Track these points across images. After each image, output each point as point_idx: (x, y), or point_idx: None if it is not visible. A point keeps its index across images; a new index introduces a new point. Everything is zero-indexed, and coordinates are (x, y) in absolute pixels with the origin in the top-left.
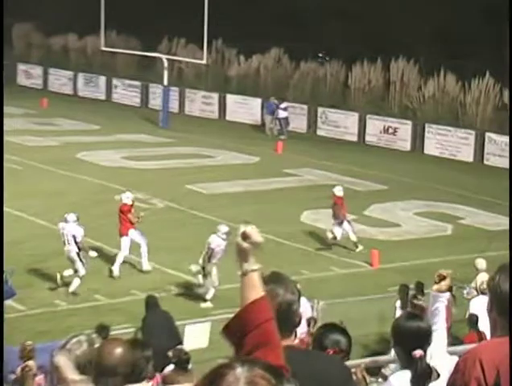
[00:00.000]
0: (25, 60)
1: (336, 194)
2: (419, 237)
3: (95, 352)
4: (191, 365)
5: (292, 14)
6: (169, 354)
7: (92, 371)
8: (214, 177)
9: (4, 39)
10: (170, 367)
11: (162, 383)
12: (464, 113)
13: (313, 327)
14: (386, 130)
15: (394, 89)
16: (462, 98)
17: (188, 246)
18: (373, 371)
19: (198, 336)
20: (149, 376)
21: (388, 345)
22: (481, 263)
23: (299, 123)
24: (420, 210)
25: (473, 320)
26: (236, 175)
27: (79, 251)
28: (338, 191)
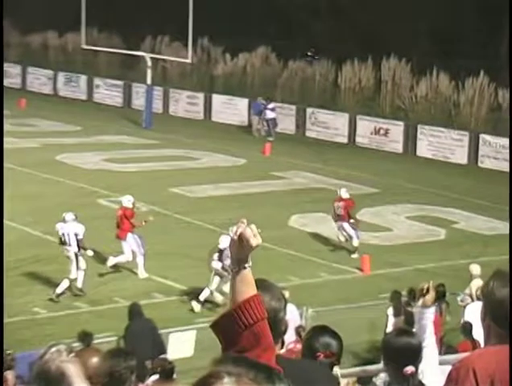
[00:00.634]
0: None
1: (343, 196)
2: (412, 242)
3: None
4: (175, 375)
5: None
6: (153, 363)
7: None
8: (199, 180)
9: None
10: (154, 377)
11: None
12: (457, 114)
13: (301, 336)
14: (377, 131)
15: (386, 89)
16: (455, 98)
17: (173, 251)
18: (364, 380)
19: (183, 345)
20: None
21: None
22: (476, 269)
23: (288, 124)
24: (413, 214)
25: (467, 328)
26: (222, 178)
27: (78, 250)
28: (345, 193)
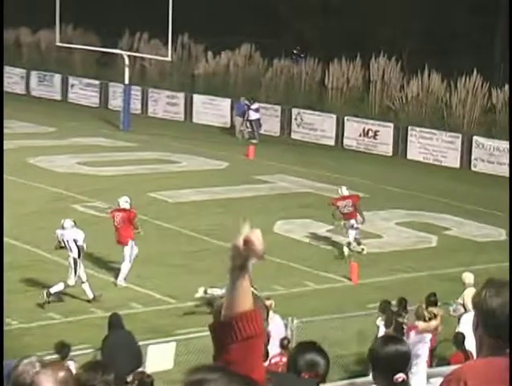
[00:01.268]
0: None
1: (347, 194)
2: (402, 249)
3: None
4: None
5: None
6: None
7: None
8: (179, 184)
9: None
10: None
11: None
12: (449, 115)
13: (286, 348)
14: (366, 133)
15: (375, 89)
16: (448, 99)
17: (152, 259)
18: None
19: (162, 357)
20: None
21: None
22: (469, 277)
23: (272, 125)
24: (403, 220)
25: (459, 339)
26: (203, 182)
27: (78, 257)
28: (346, 191)
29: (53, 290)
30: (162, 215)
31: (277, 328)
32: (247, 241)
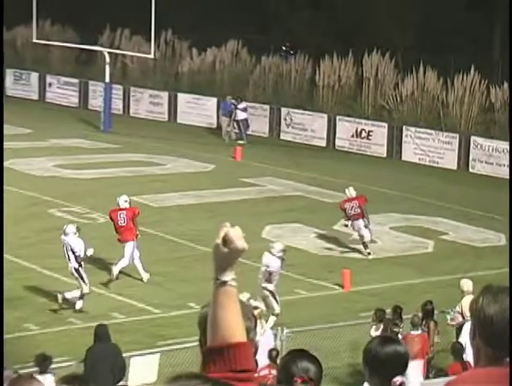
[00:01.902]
0: None
1: (354, 195)
2: (397, 255)
3: None
4: None
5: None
6: None
7: None
8: (163, 187)
9: None
10: None
11: None
12: (446, 114)
13: (275, 361)
14: (359, 134)
15: (368, 87)
16: (444, 97)
17: (135, 266)
18: None
19: (145, 369)
20: None
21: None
22: (467, 284)
23: (260, 126)
24: (398, 224)
25: (457, 349)
26: (188, 186)
27: (79, 266)
28: (354, 191)
29: (68, 295)
30: (145, 220)
31: (266, 338)
32: (226, 239)
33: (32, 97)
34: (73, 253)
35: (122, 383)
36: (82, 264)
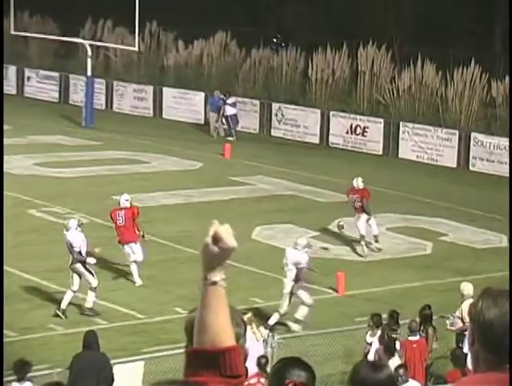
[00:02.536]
0: None
1: (359, 186)
2: (394, 257)
3: None
4: None
5: None
6: None
7: None
8: (149, 186)
9: None
10: None
11: None
12: (445, 110)
13: (264, 369)
14: (354, 130)
15: (363, 81)
16: (443, 91)
17: (119, 270)
18: None
19: (129, 377)
20: None
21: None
22: (467, 288)
23: (250, 122)
24: (395, 225)
25: (457, 355)
26: (174, 184)
27: (84, 263)
28: (361, 183)
29: (88, 305)
30: None
31: (255, 345)
32: (216, 237)
33: (10, 92)
34: (72, 248)
35: None
36: (85, 260)
